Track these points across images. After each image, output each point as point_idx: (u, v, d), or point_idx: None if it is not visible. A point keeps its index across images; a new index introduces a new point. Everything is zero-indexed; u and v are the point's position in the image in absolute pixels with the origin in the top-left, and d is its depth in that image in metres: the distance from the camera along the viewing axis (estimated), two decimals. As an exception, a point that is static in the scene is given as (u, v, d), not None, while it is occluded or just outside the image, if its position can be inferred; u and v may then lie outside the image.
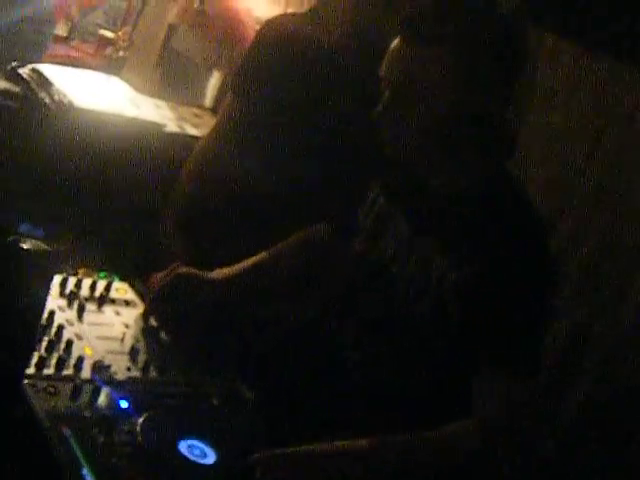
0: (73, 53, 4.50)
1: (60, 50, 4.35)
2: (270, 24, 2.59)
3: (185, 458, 1.61)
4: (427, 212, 1.93)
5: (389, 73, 1.85)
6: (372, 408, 1.93)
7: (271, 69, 2.51)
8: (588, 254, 2.64)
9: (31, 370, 1.70)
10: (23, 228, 2.14)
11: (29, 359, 1.64)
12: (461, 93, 1.80)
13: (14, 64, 2.86)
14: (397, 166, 1.97)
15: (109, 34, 4.36)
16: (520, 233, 1.84)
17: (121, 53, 4.24)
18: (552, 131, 2.68)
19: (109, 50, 4.32)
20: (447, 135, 1.83)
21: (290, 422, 1.85)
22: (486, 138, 1.87)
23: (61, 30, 4.49)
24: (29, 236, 1.33)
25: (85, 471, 1.51)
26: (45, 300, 1.52)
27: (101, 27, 4.52)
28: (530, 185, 2.30)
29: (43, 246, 1.32)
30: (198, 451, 1.64)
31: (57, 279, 2.03)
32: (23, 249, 1.30)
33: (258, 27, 2.90)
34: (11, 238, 1.29)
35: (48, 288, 1.50)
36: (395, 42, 1.85)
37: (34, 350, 1.69)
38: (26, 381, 1.65)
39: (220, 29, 2.94)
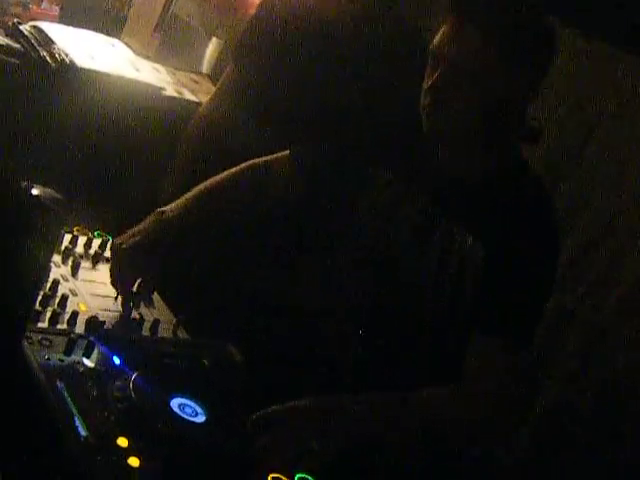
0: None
1: (56, 11, 4.33)
2: None
3: (176, 415, 1.63)
4: (445, 194, 1.97)
5: (445, 51, 1.84)
6: (367, 380, 1.96)
7: (274, 41, 2.51)
8: (575, 242, 2.67)
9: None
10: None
11: (32, 308, 1.66)
12: (511, 79, 1.83)
13: (16, 20, 2.85)
14: (414, 149, 2.00)
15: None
16: (536, 213, 1.92)
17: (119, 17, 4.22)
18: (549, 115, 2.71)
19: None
20: (490, 119, 1.86)
21: (279, 386, 1.87)
22: (517, 123, 1.92)
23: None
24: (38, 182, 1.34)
25: (78, 423, 1.52)
26: (53, 249, 1.53)
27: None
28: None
29: (55, 194, 1.33)
30: (189, 409, 1.66)
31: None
32: (35, 195, 1.31)
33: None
34: (23, 184, 1.31)
35: (57, 237, 1.51)
36: (452, 21, 1.85)
37: (36, 298, 1.70)
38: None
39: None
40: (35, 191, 1.31)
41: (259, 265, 2.36)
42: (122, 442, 1.52)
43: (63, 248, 2.04)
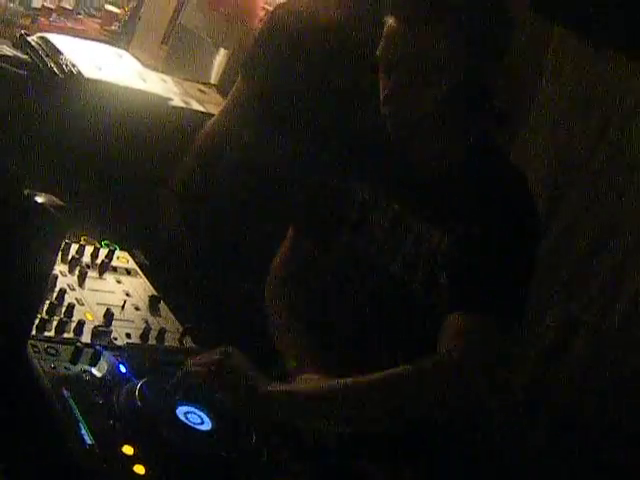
0: (78, 26, 4.50)
1: (66, 23, 4.35)
2: (281, 8, 2.60)
3: (182, 423, 1.63)
4: (416, 189, 1.99)
5: (391, 56, 1.88)
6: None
7: (282, 55, 2.51)
8: (580, 249, 2.67)
9: (33, 331, 1.72)
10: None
11: (35, 316, 1.66)
12: (463, 67, 1.85)
13: (23, 32, 2.86)
14: (388, 150, 2.02)
15: (115, 9, 4.36)
16: (505, 195, 1.93)
17: (126, 29, 4.24)
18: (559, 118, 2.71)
19: (114, 25, 4.32)
20: (450, 109, 1.89)
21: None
22: (480, 108, 1.95)
23: (67, 3, 4.49)
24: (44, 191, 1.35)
25: (83, 431, 1.52)
26: (56, 256, 1.53)
27: (107, 2, 4.52)
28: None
29: (58, 201, 1.34)
30: (195, 417, 1.66)
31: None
32: (38, 202, 1.31)
33: (268, 7, 2.91)
34: (27, 191, 1.31)
35: (60, 244, 1.51)
36: (391, 23, 1.87)
37: (40, 307, 1.71)
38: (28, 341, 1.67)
39: (229, 6, 2.95)
40: (38, 198, 1.31)
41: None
42: (127, 450, 1.52)
43: (70, 258, 2.05)
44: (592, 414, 2.54)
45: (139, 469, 1.48)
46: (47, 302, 1.81)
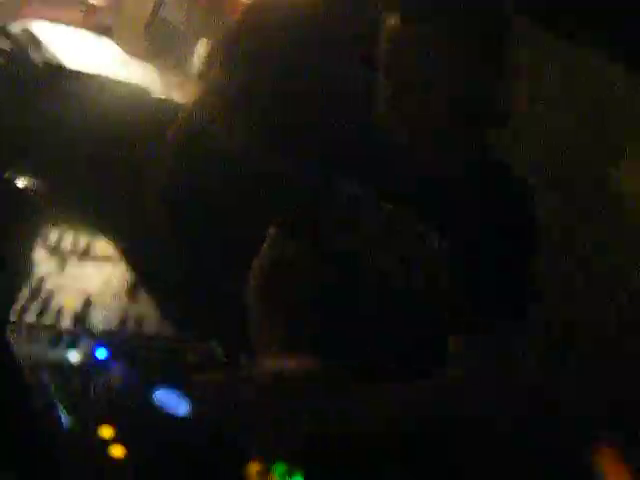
0: (60, 16, 4.50)
1: (47, 13, 4.35)
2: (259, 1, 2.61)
3: (159, 408, 1.65)
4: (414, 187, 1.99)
5: (392, 56, 1.90)
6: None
7: (263, 42, 2.52)
8: (580, 251, 2.70)
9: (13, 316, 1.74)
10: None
11: (15, 300, 1.68)
12: (461, 71, 1.86)
13: (4, 21, 2.87)
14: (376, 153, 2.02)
15: (97, 1, 4.36)
16: (503, 199, 1.97)
17: (108, 21, 4.24)
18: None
19: (97, 17, 4.32)
20: (450, 113, 1.89)
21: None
22: (478, 111, 1.94)
23: (49, -7, 4.49)
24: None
25: (62, 414, 1.54)
26: (36, 239, 1.55)
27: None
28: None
29: (40, 186, 1.35)
30: (172, 402, 1.68)
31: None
32: (19, 186, 1.32)
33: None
34: (7, 175, 1.32)
35: (40, 227, 1.53)
36: (392, 22, 1.88)
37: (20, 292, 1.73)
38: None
39: (210, -2, 2.96)
40: (19, 182, 1.32)
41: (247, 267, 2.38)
42: (106, 432, 1.54)
43: (51, 244, 2.06)
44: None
45: (117, 450, 1.51)
46: (28, 288, 1.83)
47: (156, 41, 3.56)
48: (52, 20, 3.53)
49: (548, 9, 2.60)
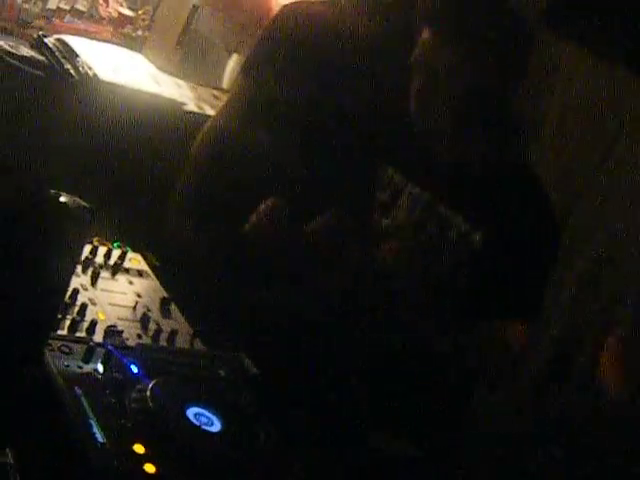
0: (92, 28, 4.52)
1: (79, 24, 4.37)
2: (287, 9, 2.62)
3: (192, 424, 1.65)
4: (443, 183, 2.13)
5: (424, 60, 2.06)
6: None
7: (286, 53, 2.54)
8: (586, 263, 2.69)
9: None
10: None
11: (56, 316, 1.68)
12: (480, 78, 2.04)
13: (40, 33, 2.89)
14: (413, 146, 2.16)
15: (128, 12, 4.39)
16: (527, 198, 2.13)
17: (139, 32, 4.27)
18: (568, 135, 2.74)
19: (128, 28, 4.34)
20: (468, 113, 2.06)
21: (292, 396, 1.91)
22: (495, 116, 2.10)
23: (81, 5, 4.52)
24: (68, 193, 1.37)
25: (95, 430, 1.55)
26: (79, 257, 1.55)
27: (121, 5, 4.54)
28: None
29: (82, 202, 1.36)
30: (205, 419, 1.68)
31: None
32: (63, 203, 1.33)
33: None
34: (52, 192, 1.33)
35: (84, 245, 1.53)
36: (425, 32, 2.03)
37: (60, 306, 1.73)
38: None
39: (244, 13, 2.97)
40: (63, 199, 1.33)
41: (272, 278, 2.39)
42: (139, 449, 1.54)
43: (83, 258, 2.07)
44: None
45: (150, 468, 1.51)
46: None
47: (189, 54, 3.58)
48: (84, 33, 3.57)
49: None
